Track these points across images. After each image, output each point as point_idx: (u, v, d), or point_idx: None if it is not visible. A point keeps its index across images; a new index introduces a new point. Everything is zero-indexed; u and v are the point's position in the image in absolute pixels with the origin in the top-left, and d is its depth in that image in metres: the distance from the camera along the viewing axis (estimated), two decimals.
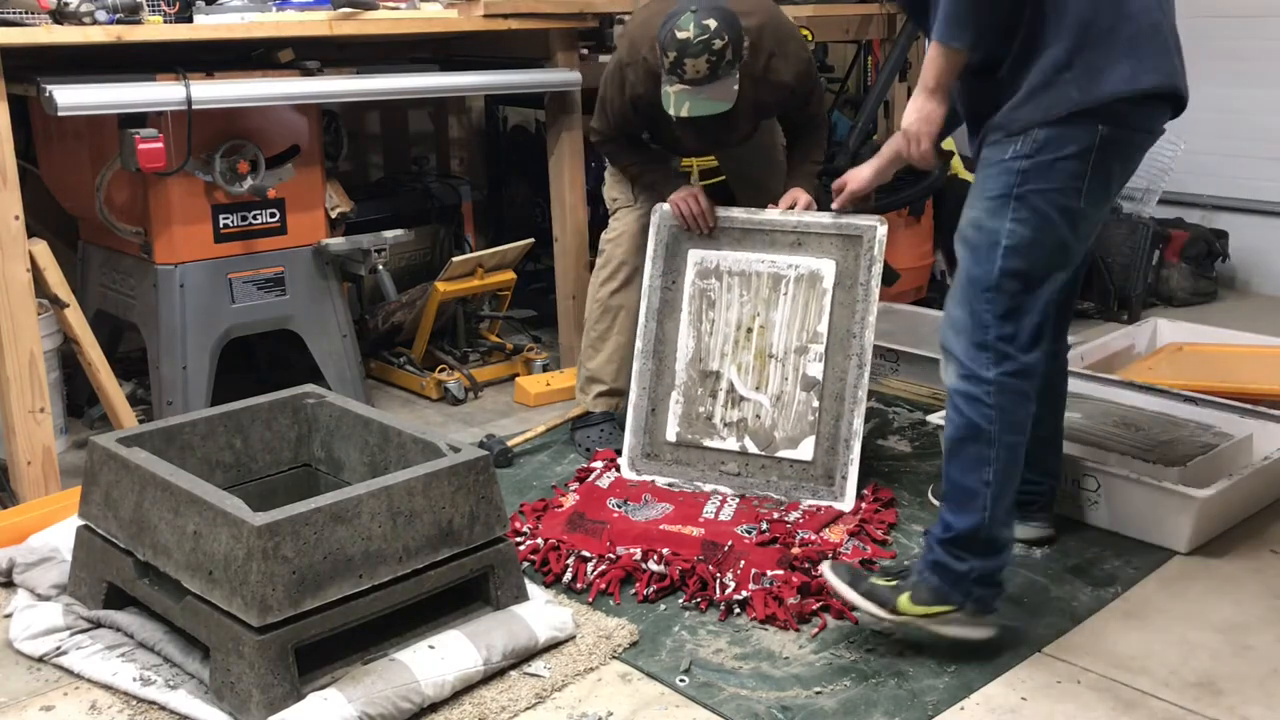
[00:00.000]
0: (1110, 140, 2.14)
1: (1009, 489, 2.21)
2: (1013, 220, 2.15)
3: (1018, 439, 2.20)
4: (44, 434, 2.91)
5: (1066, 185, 2.14)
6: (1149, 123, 2.23)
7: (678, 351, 3.02)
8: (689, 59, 2.70)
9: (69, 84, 2.83)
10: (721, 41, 2.70)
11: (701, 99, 2.76)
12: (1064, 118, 2.11)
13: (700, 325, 3.00)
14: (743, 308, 2.98)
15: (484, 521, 2.28)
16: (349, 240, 3.44)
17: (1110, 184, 2.23)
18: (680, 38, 2.70)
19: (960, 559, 2.20)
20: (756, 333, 2.96)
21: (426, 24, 3.42)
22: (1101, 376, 3.35)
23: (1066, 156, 2.13)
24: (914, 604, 2.22)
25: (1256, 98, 4.84)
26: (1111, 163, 2.18)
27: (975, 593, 2.22)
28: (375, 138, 4.52)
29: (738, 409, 2.94)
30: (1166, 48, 2.17)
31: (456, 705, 2.12)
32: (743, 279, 2.98)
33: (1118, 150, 2.17)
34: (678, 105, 2.77)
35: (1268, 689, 2.18)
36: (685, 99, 2.76)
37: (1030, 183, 2.14)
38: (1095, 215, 2.24)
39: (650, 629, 2.36)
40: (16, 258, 2.79)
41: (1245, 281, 5.07)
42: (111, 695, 2.16)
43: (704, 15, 2.70)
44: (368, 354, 3.88)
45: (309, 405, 2.62)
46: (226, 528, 2.01)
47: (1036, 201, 2.14)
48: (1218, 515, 2.71)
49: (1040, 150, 2.13)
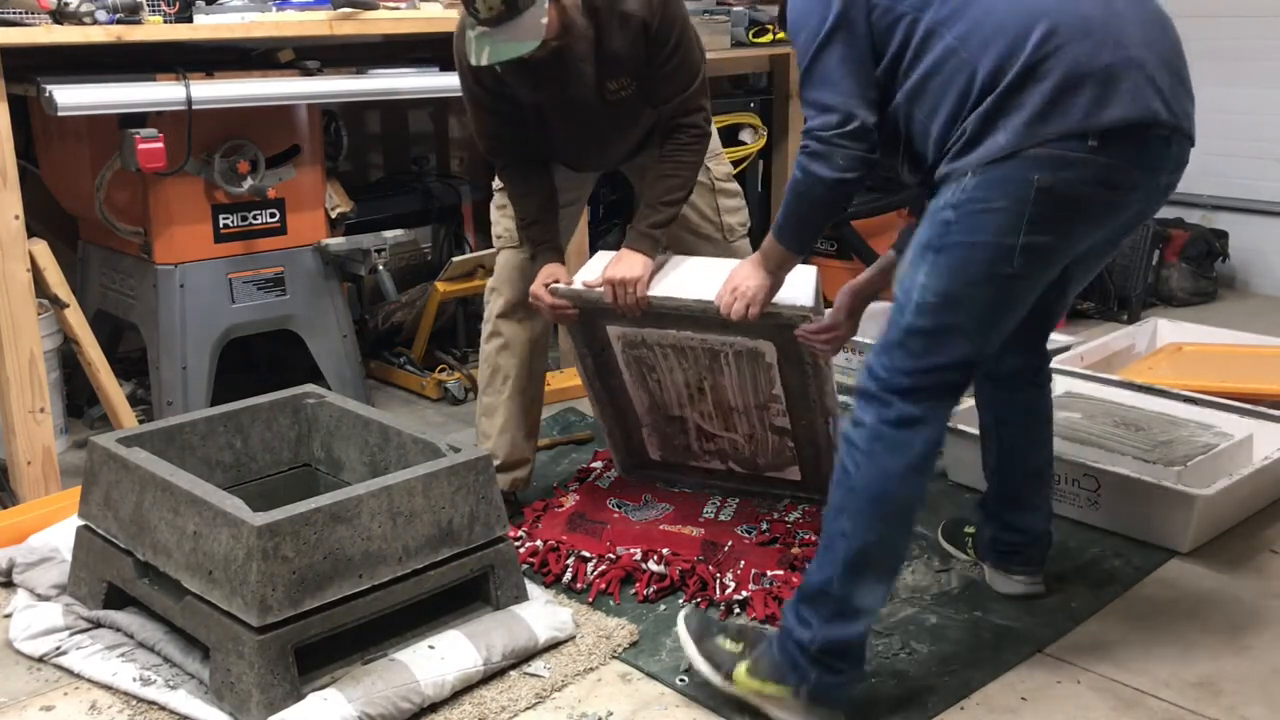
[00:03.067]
0: (1051, 192, 1.84)
1: (874, 549, 1.95)
2: (928, 275, 1.91)
3: (885, 491, 1.94)
4: (44, 434, 2.91)
5: (995, 243, 1.87)
6: (1113, 175, 1.87)
7: (633, 403, 2.85)
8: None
9: (69, 84, 2.83)
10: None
11: (501, 41, 2.28)
12: (992, 163, 1.85)
13: (648, 384, 2.79)
14: (685, 372, 2.71)
15: (484, 521, 2.28)
16: (349, 240, 3.44)
17: (1058, 246, 1.92)
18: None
19: (805, 623, 1.98)
20: (709, 391, 2.74)
21: (426, 24, 3.42)
22: (1101, 376, 3.35)
23: (995, 209, 1.86)
24: (749, 676, 2.03)
25: (1256, 98, 4.84)
26: (1058, 221, 1.88)
27: (814, 676, 1.97)
28: (375, 138, 4.51)
29: (713, 442, 2.87)
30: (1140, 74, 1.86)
31: (456, 705, 2.12)
32: (676, 350, 2.66)
33: (1067, 207, 1.87)
34: (478, 52, 2.30)
35: (1268, 689, 2.18)
36: (485, 43, 2.29)
37: (953, 235, 1.89)
38: (1038, 277, 1.96)
39: (650, 629, 2.36)
40: (16, 258, 2.79)
41: (1245, 281, 5.08)
42: (111, 695, 2.16)
43: None
44: (368, 354, 3.88)
45: (309, 405, 2.62)
46: (226, 528, 2.01)
47: (955, 257, 1.89)
48: (1218, 515, 2.71)
49: (968, 200, 1.87)
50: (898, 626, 2.36)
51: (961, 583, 2.54)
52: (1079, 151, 1.83)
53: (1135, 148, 1.87)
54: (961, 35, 1.87)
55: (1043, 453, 2.42)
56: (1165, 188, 2.01)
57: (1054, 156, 1.83)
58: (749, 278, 2.30)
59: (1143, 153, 1.89)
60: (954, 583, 2.54)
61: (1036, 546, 2.45)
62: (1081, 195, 1.87)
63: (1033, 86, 1.82)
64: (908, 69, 1.94)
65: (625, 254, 2.53)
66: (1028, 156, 1.83)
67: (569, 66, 2.42)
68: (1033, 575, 2.47)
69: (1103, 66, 1.83)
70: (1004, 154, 1.83)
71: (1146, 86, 1.85)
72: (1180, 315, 4.31)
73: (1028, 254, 1.87)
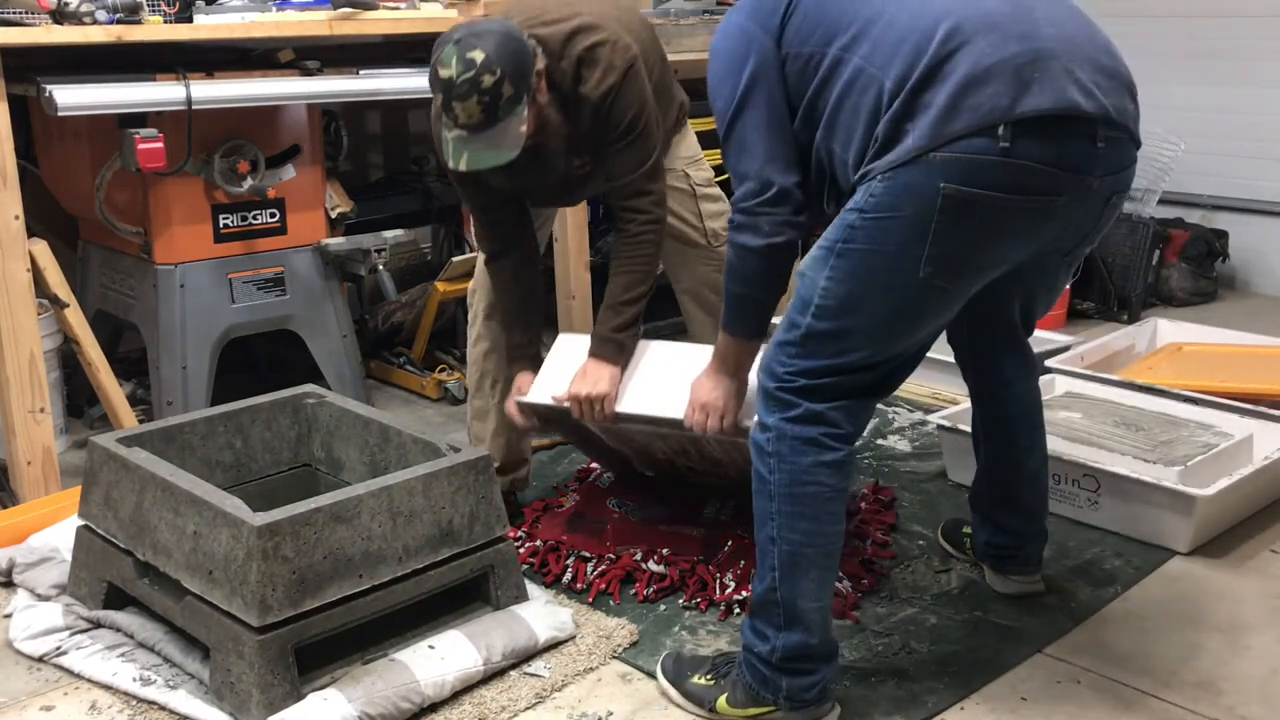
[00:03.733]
0: (959, 200, 1.74)
1: (804, 548, 1.92)
2: (829, 279, 1.84)
3: (801, 490, 1.90)
4: (44, 434, 2.91)
5: (900, 252, 1.79)
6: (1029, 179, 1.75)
7: (617, 452, 2.78)
8: (456, 102, 2.18)
9: (69, 84, 2.83)
10: (493, 77, 2.17)
11: (480, 148, 2.23)
12: (900, 167, 1.76)
13: (632, 444, 2.71)
14: (668, 443, 2.61)
15: (484, 521, 2.28)
16: (349, 240, 3.44)
17: (973, 256, 1.83)
18: (444, 76, 2.19)
19: (762, 636, 1.97)
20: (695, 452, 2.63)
21: (426, 24, 3.42)
22: (1101, 376, 3.35)
23: (900, 218, 1.78)
24: (731, 707, 2.04)
25: (1256, 98, 4.84)
26: (970, 231, 1.78)
27: (785, 685, 1.97)
28: (375, 138, 4.51)
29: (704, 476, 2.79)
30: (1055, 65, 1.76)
31: (456, 705, 2.12)
32: (657, 434, 2.56)
33: (980, 215, 1.77)
34: (455, 156, 2.24)
35: (1268, 689, 2.18)
36: (462, 149, 2.23)
37: (856, 240, 1.81)
38: (953, 287, 1.86)
39: (650, 629, 2.36)
40: (16, 258, 2.79)
41: (1245, 281, 5.08)
42: (111, 695, 2.16)
43: (469, 45, 2.18)
44: (368, 354, 3.89)
45: (309, 405, 2.62)
46: (226, 528, 2.01)
47: (857, 263, 1.83)
48: (1218, 515, 2.71)
49: (875, 206, 1.79)
50: (898, 626, 2.36)
51: (961, 583, 2.54)
52: (990, 154, 1.73)
53: (1053, 146, 1.75)
54: (866, 54, 1.83)
55: (1035, 454, 2.37)
56: (1103, 195, 1.88)
57: (963, 161, 1.73)
58: (713, 390, 2.26)
59: (1062, 152, 1.77)
60: (954, 583, 2.54)
61: (1031, 547, 2.45)
62: (994, 202, 1.76)
63: (938, 84, 1.75)
64: (821, 104, 1.91)
65: (591, 365, 2.45)
66: (935, 161, 1.74)
67: (543, 159, 2.40)
68: (1030, 575, 2.47)
69: (1010, 58, 1.74)
70: (911, 156, 1.75)
71: (1062, 77, 1.75)
72: (1180, 315, 4.31)
73: (936, 264, 1.79)
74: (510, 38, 2.23)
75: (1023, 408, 2.35)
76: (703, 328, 2.98)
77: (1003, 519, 2.42)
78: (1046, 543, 2.47)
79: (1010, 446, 2.36)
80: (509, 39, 2.23)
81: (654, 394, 2.44)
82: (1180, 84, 4.96)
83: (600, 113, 2.39)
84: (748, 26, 1.98)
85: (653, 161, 2.48)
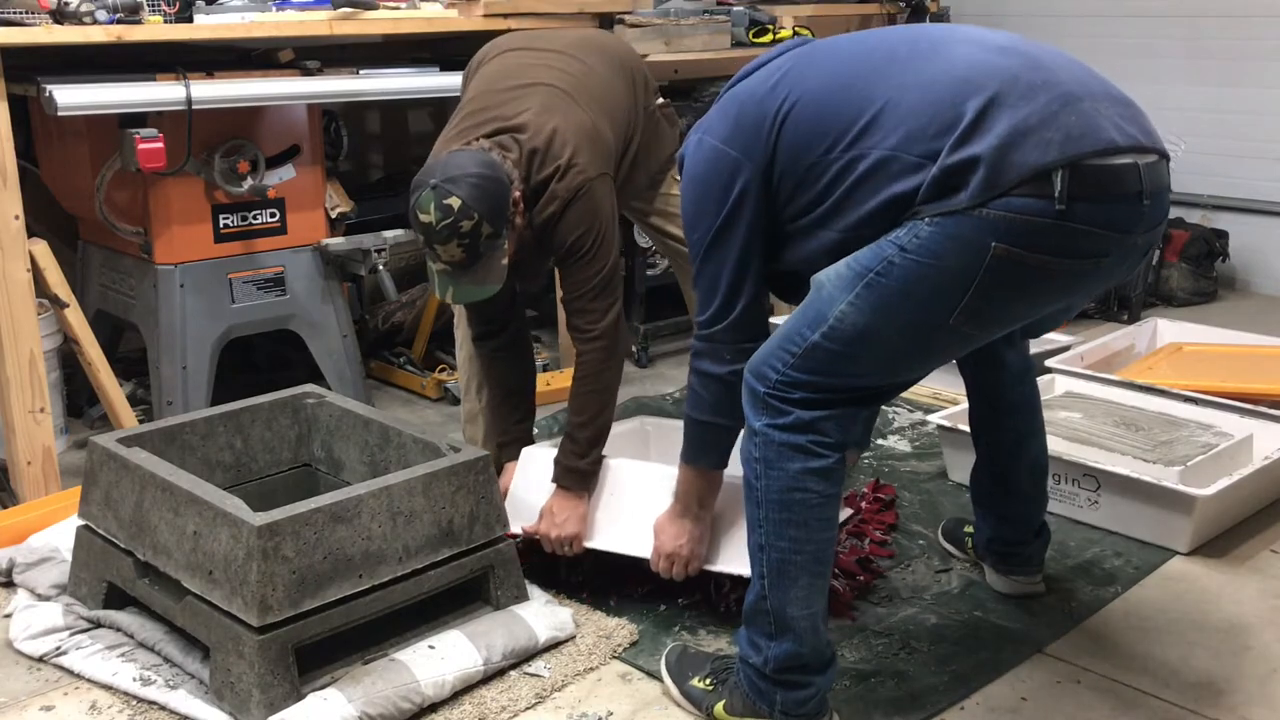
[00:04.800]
0: (1008, 261, 1.70)
1: (792, 556, 1.89)
2: (850, 304, 1.78)
3: (789, 497, 1.86)
4: (44, 434, 2.91)
5: (933, 299, 1.75)
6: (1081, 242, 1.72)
7: None
8: (438, 245, 2.21)
9: (69, 84, 2.83)
10: (471, 221, 2.18)
11: (466, 284, 2.27)
12: (951, 215, 1.71)
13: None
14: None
15: (484, 521, 2.28)
16: (349, 240, 3.44)
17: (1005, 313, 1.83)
18: (423, 221, 2.21)
19: (755, 646, 1.96)
20: None
21: (426, 24, 3.42)
22: (1101, 376, 3.35)
23: (943, 269, 1.72)
24: (728, 714, 2.02)
25: (1256, 98, 4.84)
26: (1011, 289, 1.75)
27: (779, 697, 1.95)
28: (375, 138, 4.51)
29: None
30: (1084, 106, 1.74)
31: (456, 705, 2.12)
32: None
33: (1026, 277, 1.74)
34: (441, 289, 2.28)
35: (1268, 689, 2.18)
36: (448, 284, 2.27)
37: (891, 277, 1.75)
38: (974, 336, 1.86)
39: (650, 629, 2.36)
40: (16, 258, 2.79)
41: (1245, 281, 5.08)
42: (111, 695, 2.16)
43: (444, 192, 2.18)
44: (368, 354, 3.88)
45: (309, 405, 2.62)
46: (226, 528, 2.01)
47: (885, 299, 1.76)
48: (1218, 515, 2.71)
49: (919, 249, 1.73)
50: (898, 626, 2.36)
51: (961, 583, 2.54)
52: (1045, 216, 1.69)
53: (1103, 209, 1.73)
54: (879, 141, 1.78)
55: (1033, 445, 2.36)
56: (1142, 248, 1.87)
57: (1017, 222, 1.69)
58: (676, 539, 2.29)
59: (1112, 216, 1.74)
60: (954, 583, 2.54)
61: (1034, 547, 2.45)
62: (1043, 265, 1.73)
63: (981, 139, 1.70)
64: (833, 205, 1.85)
65: (557, 501, 2.42)
66: (988, 218, 1.69)
67: (520, 272, 2.43)
68: (1031, 575, 2.47)
69: (1042, 107, 1.72)
70: (964, 207, 1.70)
71: (1094, 116, 1.74)
72: (1180, 315, 4.31)
73: (969, 314, 1.76)
74: (485, 177, 2.22)
75: (1021, 395, 2.34)
76: None
77: (1004, 509, 2.41)
78: (1049, 544, 2.47)
79: (1009, 432, 2.35)
80: (484, 179, 2.22)
81: (625, 528, 2.41)
82: (1180, 84, 4.96)
83: (545, 234, 2.39)
84: (726, 154, 1.92)
85: (595, 287, 2.41)
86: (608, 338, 2.43)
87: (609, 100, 2.56)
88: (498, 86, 2.50)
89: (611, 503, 2.45)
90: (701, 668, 2.13)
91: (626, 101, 2.63)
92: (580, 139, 2.39)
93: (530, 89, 2.46)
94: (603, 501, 2.45)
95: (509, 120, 2.39)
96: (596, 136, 2.44)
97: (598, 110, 2.49)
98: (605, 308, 2.43)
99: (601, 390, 2.45)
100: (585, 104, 2.47)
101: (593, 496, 2.45)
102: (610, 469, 2.47)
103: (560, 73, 2.51)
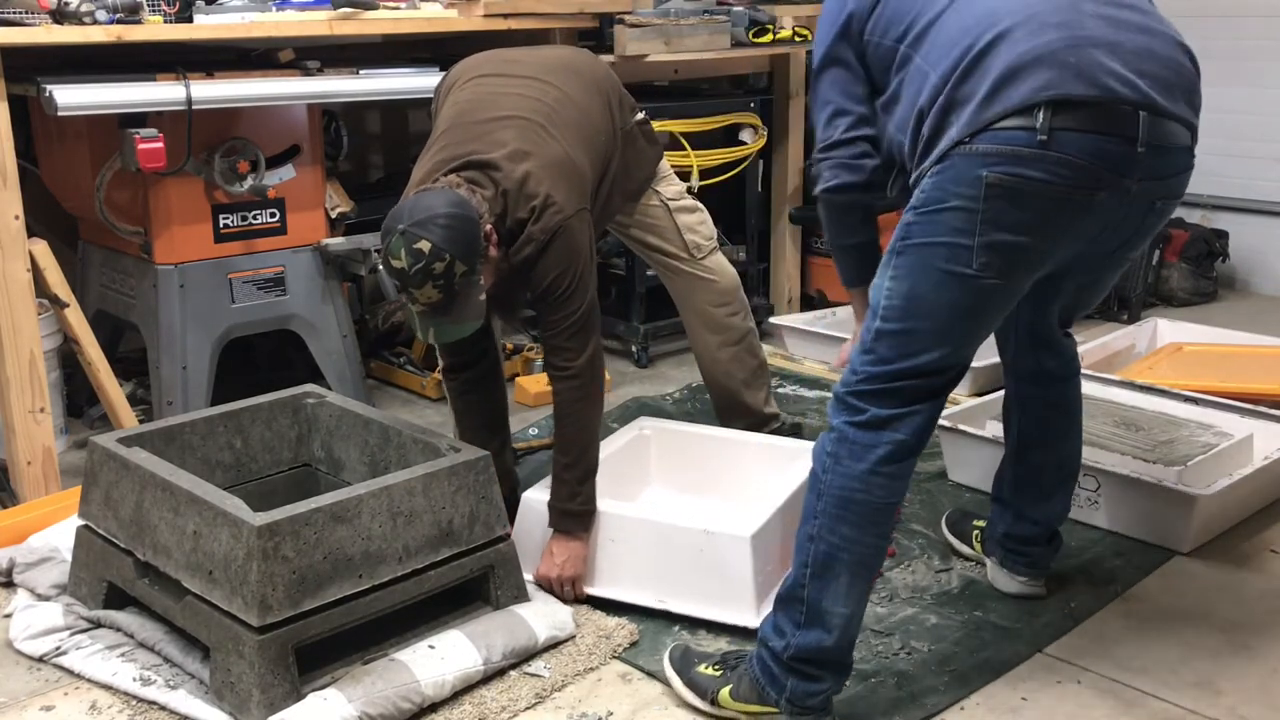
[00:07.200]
0: (1003, 188, 1.80)
1: (840, 553, 1.92)
2: (892, 278, 1.91)
3: (849, 495, 1.91)
4: (44, 434, 2.91)
5: (951, 243, 1.84)
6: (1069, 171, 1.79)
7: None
8: (413, 289, 2.20)
9: (69, 84, 2.83)
10: (443, 263, 2.16)
11: (445, 323, 2.26)
12: (944, 159, 1.85)
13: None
14: None
15: (484, 521, 2.28)
16: (349, 240, 3.44)
17: (1024, 247, 1.86)
18: (396, 267, 2.19)
19: (780, 631, 1.98)
20: None
21: (426, 24, 3.42)
22: (1101, 376, 3.36)
23: (949, 208, 1.84)
24: (733, 699, 2.04)
25: (1256, 98, 4.84)
26: (1017, 220, 1.82)
27: (790, 684, 1.97)
28: (375, 138, 4.51)
29: None
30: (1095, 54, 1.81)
31: (456, 705, 2.12)
32: None
33: (1024, 204, 1.81)
34: (422, 329, 2.28)
35: (1268, 689, 2.18)
36: (429, 324, 2.26)
37: (913, 236, 1.88)
38: (1007, 280, 1.89)
39: (650, 629, 2.36)
40: (16, 258, 2.79)
41: (1245, 281, 5.08)
42: (111, 695, 2.16)
43: (413, 237, 2.16)
44: (368, 354, 3.88)
45: (309, 405, 2.62)
46: (226, 528, 2.01)
47: (915, 259, 1.88)
48: (1218, 515, 2.72)
49: (925, 201, 1.87)
50: (898, 626, 2.36)
51: (961, 583, 2.54)
52: (1029, 145, 1.78)
53: (1091, 141, 1.80)
54: (925, 53, 1.96)
55: (1066, 444, 2.39)
56: (1145, 200, 1.92)
57: (1003, 152, 1.79)
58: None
59: (1101, 150, 1.80)
60: (954, 583, 2.54)
61: (1046, 549, 2.45)
62: (1037, 191, 1.80)
63: (978, 78, 1.84)
64: (890, 92, 2.07)
65: (556, 545, 2.42)
66: (975, 152, 1.81)
67: (499, 304, 2.43)
68: (1036, 578, 2.47)
69: (1045, 44, 1.81)
70: (953, 145, 1.83)
71: (1101, 65, 1.79)
72: (1180, 315, 4.31)
73: (988, 253, 1.83)
74: (454, 215, 2.20)
75: (1061, 393, 2.37)
76: (706, 347, 2.98)
77: (1026, 504, 2.41)
78: (1059, 551, 2.48)
79: (1045, 427, 2.37)
80: (453, 218, 2.19)
81: (625, 572, 2.43)
82: None
83: (524, 272, 2.38)
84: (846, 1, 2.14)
85: (579, 318, 2.40)
86: (583, 376, 2.42)
87: (585, 126, 2.55)
88: (471, 119, 2.47)
89: (613, 550, 2.44)
90: (708, 657, 2.14)
91: (603, 124, 2.62)
92: (555, 176, 2.38)
93: (504, 122, 2.43)
94: (605, 549, 2.45)
95: (483, 155, 2.37)
96: (572, 170, 2.43)
97: (573, 138, 2.48)
98: (581, 346, 2.41)
99: (582, 429, 2.43)
100: (560, 134, 2.45)
101: (595, 543, 2.45)
102: (612, 516, 2.45)
103: (534, 102, 2.49)
